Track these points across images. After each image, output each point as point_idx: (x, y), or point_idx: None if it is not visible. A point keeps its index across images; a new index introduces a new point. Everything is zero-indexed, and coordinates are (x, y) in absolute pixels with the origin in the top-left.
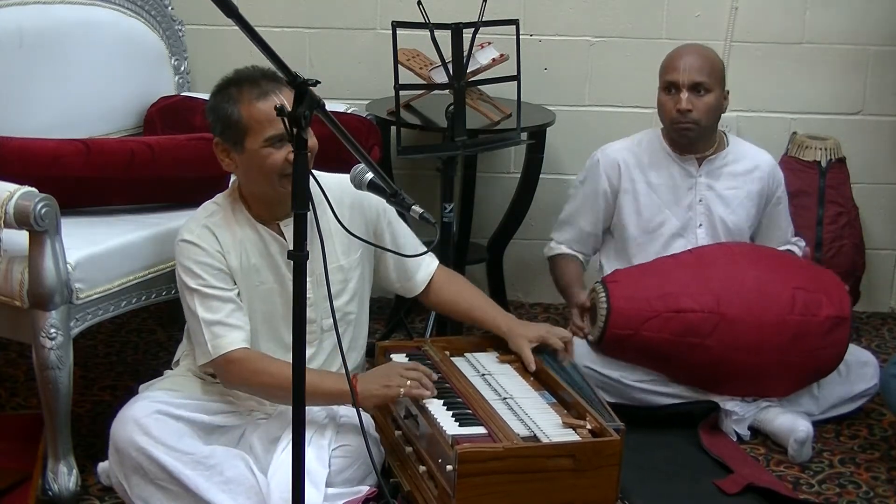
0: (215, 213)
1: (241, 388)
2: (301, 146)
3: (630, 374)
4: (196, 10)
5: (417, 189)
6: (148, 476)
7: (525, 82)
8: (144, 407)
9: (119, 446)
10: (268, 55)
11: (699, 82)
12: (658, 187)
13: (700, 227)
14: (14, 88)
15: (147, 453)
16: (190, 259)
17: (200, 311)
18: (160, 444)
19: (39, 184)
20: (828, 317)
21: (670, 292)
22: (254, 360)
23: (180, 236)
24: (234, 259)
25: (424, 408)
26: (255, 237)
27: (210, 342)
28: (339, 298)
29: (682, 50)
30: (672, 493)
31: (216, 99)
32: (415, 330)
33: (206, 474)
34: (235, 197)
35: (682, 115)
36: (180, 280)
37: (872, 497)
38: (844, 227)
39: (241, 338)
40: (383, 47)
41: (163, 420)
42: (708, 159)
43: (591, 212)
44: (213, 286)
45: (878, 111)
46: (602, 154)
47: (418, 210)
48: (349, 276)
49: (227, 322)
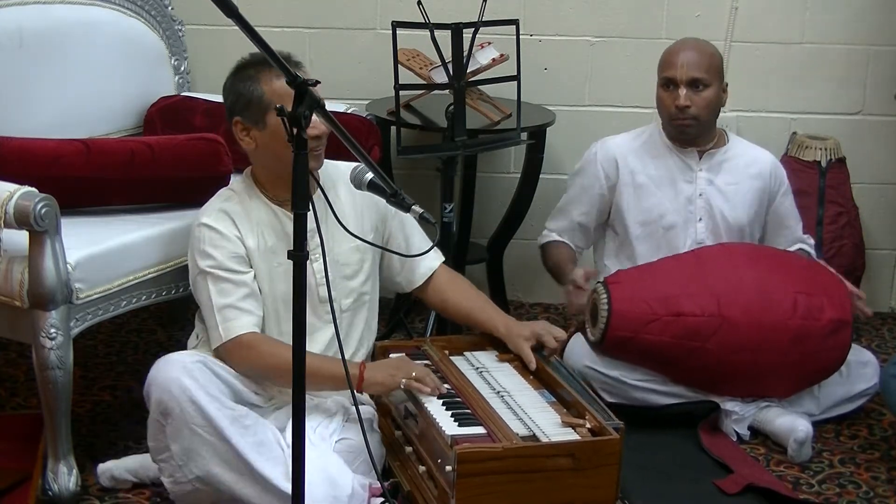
0: (231, 197)
1: (248, 371)
2: (301, 146)
3: (630, 373)
4: (196, 10)
5: (417, 189)
6: (185, 419)
7: (525, 82)
8: (189, 356)
9: (162, 384)
10: (268, 55)
11: (697, 78)
12: (658, 180)
13: (700, 221)
14: (14, 88)
15: (191, 395)
16: (205, 243)
17: (213, 295)
18: (203, 390)
19: (39, 184)
20: (830, 320)
21: (671, 295)
22: (263, 343)
23: (198, 220)
24: (252, 241)
25: (423, 407)
26: (271, 218)
27: (220, 325)
28: (356, 279)
29: (679, 45)
30: (672, 493)
31: (234, 80)
32: (415, 330)
33: (241, 431)
34: (250, 181)
35: (681, 111)
36: (193, 264)
37: (872, 497)
38: (844, 227)
39: (252, 322)
40: (383, 47)
41: (206, 372)
42: (708, 153)
43: (584, 203)
44: (227, 269)
45: (878, 111)
46: (600, 147)
47: (418, 210)
48: (365, 256)
49: (239, 306)
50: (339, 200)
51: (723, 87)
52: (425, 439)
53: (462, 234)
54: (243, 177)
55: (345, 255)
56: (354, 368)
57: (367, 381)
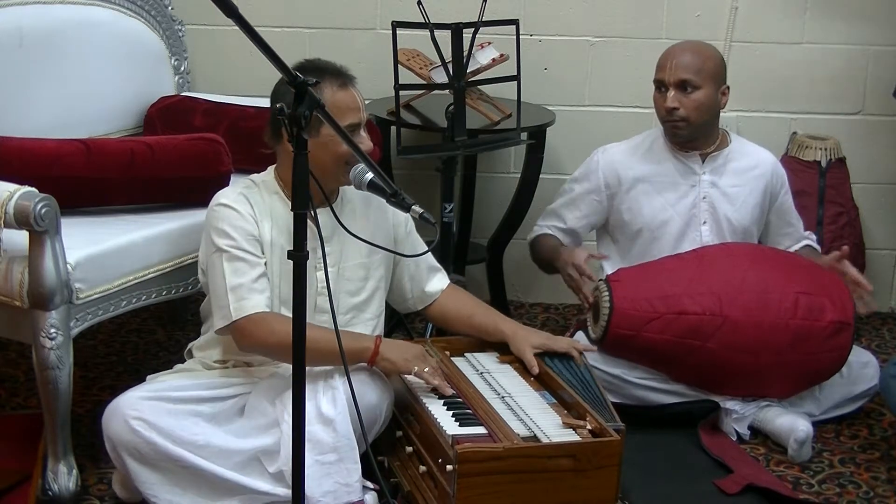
0: (251, 187)
1: (257, 349)
2: (301, 146)
3: (631, 371)
4: (196, 10)
5: (417, 189)
6: (151, 459)
7: (525, 82)
8: (136, 394)
9: (113, 435)
10: (268, 55)
11: (685, 80)
12: (661, 186)
13: (704, 225)
14: (14, 88)
15: (145, 438)
16: (224, 221)
17: (227, 273)
18: (154, 430)
19: (39, 184)
20: (831, 322)
21: (673, 293)
22: (272, 320)
23: (216, 201)
24: (266, 231)
25: (424, 407)
26: (287, 218)
27: (233, 304)
28: (357, 296)
29: (673, 48)
30: (672, 493)
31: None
32: (415, 330)
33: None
34: (273, 179)
35: (669, 113)
36: (209, 243)
37: (872, 497)
38: (844, 227)
39: (263, 302)
40: (383, 47)
41: (156, 403)
42: (711, 156)
43: (581, 209)
44: (244, 249)
45: (878, 111)
46: (602, 155)
47: (418, 210)
48: (371, 274)
49: (252, 286)
50: (354, 218)
51: (722, 90)
52: (426, 439)
53: (462, 234)
54: (267, 174)
55: (350, 271)
56: (370, 342)
57: (381, 356)
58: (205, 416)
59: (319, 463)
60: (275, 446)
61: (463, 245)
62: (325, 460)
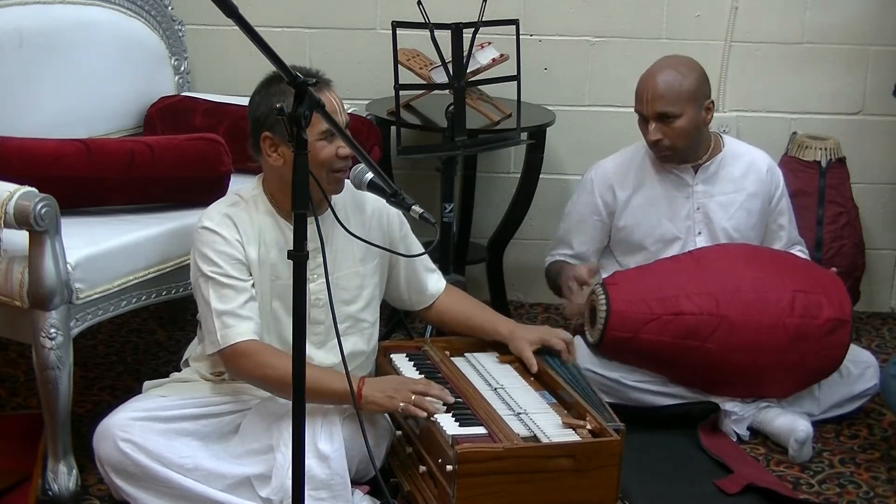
0: (237, 203)
1: (246, 380)
2: (301, 146)
3: (629, 374)
4: (196, 10)
5: (417, 189)
6: (142, 480)
7: (525, 82)
8: (125, 415)
9: (103, 456)
10: (268, 55)
11: (663, 112)
12: (654, 199)
13: (699, 235)
14: (14, 88)
15: (134, 461)
16: (208, 246)
17: (213, 300)
18: (142, 453)
19: (39, 184)
20: (828, 319)
21: (670, 295)
22: (261, 352)
23: (200, 223)
24: (253, 251)
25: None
26: (276, 233)
27: (219, 332)
28: (353, 304)
29: (648, 77)
30: (672, 493)
31: (266, 93)
32: (415, 330)
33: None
34: (260, 192)
35: (654, 143)
36: (195, 267)
37: (872, 497)
38: (844, 227)
39: (252, 329)
40: (383, 47)
41: (146, 424)
42: (703, 166)
43: (583, 232)
44: (229, 275)
45: (878, 111)
46: (595, 172)
47: (418, 210)
48: (365, 282)
49: (239, 313)
50: (347, 225)
51: (706, 106)
52: (426, 439)
53: (462, 234)
54: (253, 186)
55: (344, 279)
56: (353, 384)
57: (366, 400)
58: (197, 435)
59: (312, 499)
60: (267, 472)
61: (463, 245)
62: (318, 496)
